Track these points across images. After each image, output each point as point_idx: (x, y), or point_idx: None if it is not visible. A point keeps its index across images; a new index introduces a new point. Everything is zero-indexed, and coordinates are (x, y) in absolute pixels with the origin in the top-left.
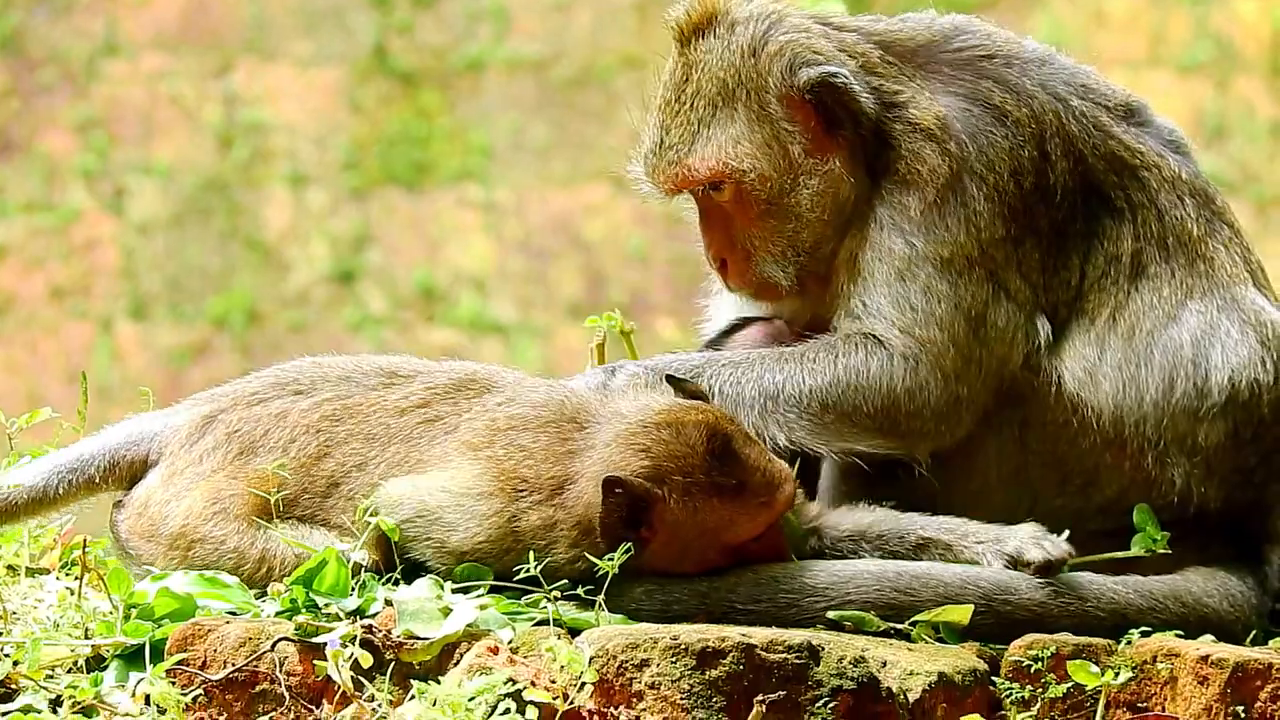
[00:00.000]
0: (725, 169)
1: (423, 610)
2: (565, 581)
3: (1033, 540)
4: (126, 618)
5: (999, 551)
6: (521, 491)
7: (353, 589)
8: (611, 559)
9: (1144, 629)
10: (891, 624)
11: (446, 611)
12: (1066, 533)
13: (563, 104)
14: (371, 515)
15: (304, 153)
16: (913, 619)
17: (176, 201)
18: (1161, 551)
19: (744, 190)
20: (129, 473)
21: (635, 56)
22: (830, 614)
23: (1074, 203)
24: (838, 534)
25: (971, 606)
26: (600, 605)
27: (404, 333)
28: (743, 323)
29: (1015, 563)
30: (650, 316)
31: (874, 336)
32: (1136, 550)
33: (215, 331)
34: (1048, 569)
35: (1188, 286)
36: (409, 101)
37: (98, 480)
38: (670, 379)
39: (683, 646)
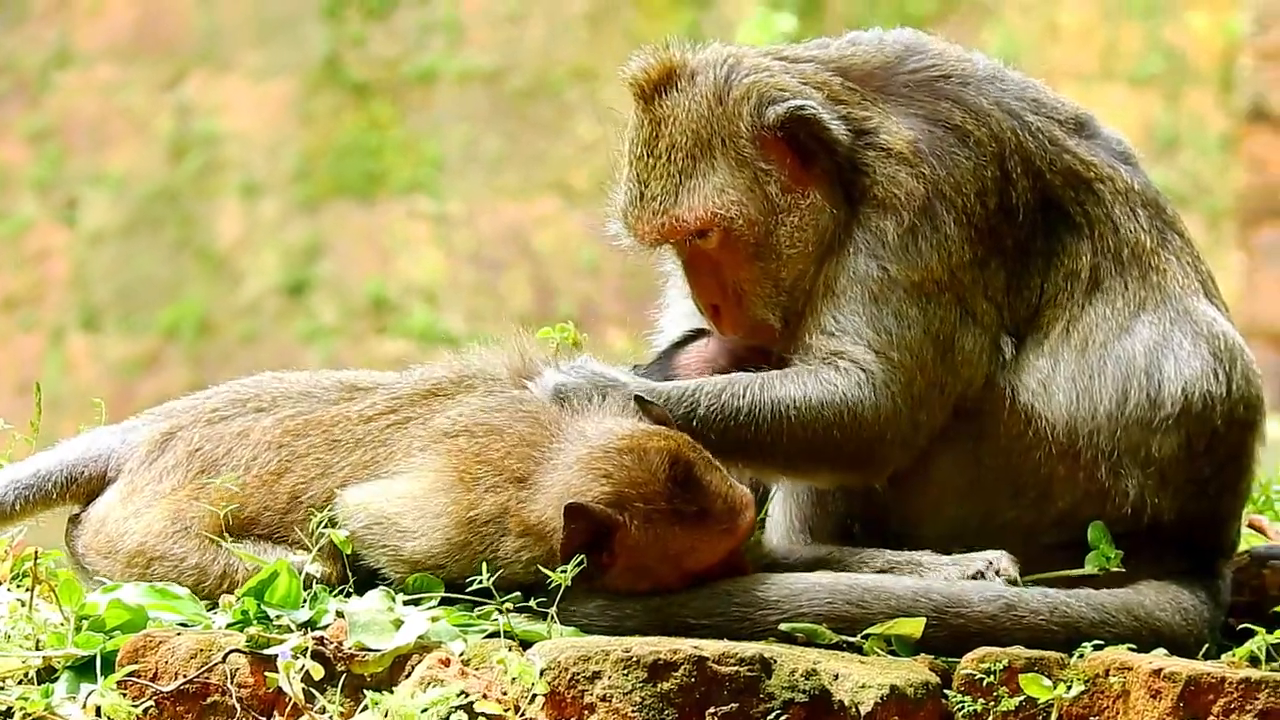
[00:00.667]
0: (714, 218)
1: (374, 622)
2: (518, 594)
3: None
4: (78, 629)
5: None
6: (480, 478)
7: (304, 601)
8: (565, 571)
9: (1097, 642)
10: (844, 637)
11: (398, 623)
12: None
13: (514, 115)
14: (327, 525)
15: (256, 163)
16: (865, 632)
17: (128, 212)
18: (1116, 569)
19: (731, 236)
20: (86, 489)
21: (587, 68)
22: (782, 626)
23: (1034, 220)
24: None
25: (924, 619)
26: (552, 618)
27: (355, 344)
28: (695, 334)
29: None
30: (601, 328)
31: (848, 356)
32: (1090, 569)
33: (166, 342)
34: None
35: (1140, 299)
36: (361, 112)
37: (55, 496)
38: (639, 400)
39: (634, 659)
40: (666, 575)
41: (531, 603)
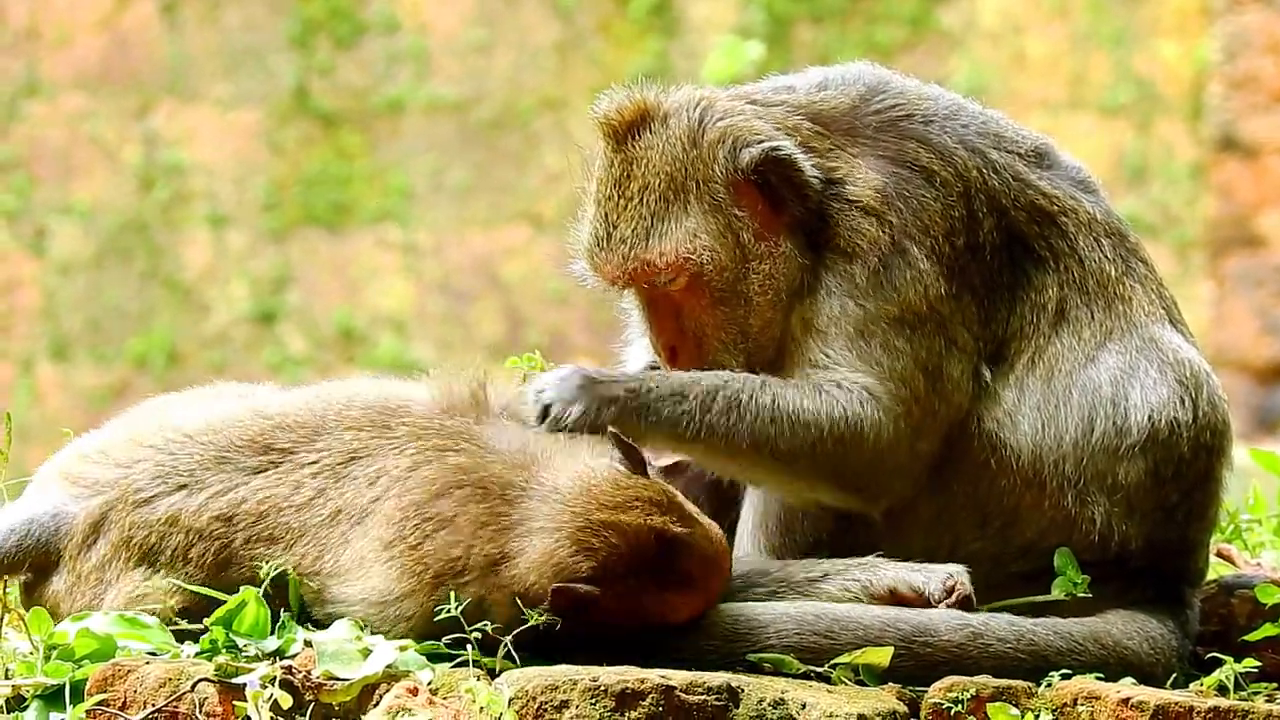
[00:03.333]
0: (684, 262)
1: (342, 651)
2: (485, 623)
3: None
4: (47, 658)
5: (911, 586)
6: (445, 575)
7: (273, 630)
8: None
9: (1064, 671)
10: (811, 666)
11: (366, 652)
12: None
13: (482, 145)
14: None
15: (224, 193)
16: (833, 661)
17: (97, 242)
18: (1082, 595)
19: (700, 281)
20: (28, 562)
21: (555, 99)
22: (750, 656)
23: (1001, 257)
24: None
25: (891, 649)
26: (507, 646)
27: (324, 373)
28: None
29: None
30: (570, 357)
31: (849, 381)
32: (1057, 594)
33: (135, 372)
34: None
35: (1106, 328)
36: (329, 143)
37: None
38: (615, 438)
39: (602, 688)
40: (642, 626)
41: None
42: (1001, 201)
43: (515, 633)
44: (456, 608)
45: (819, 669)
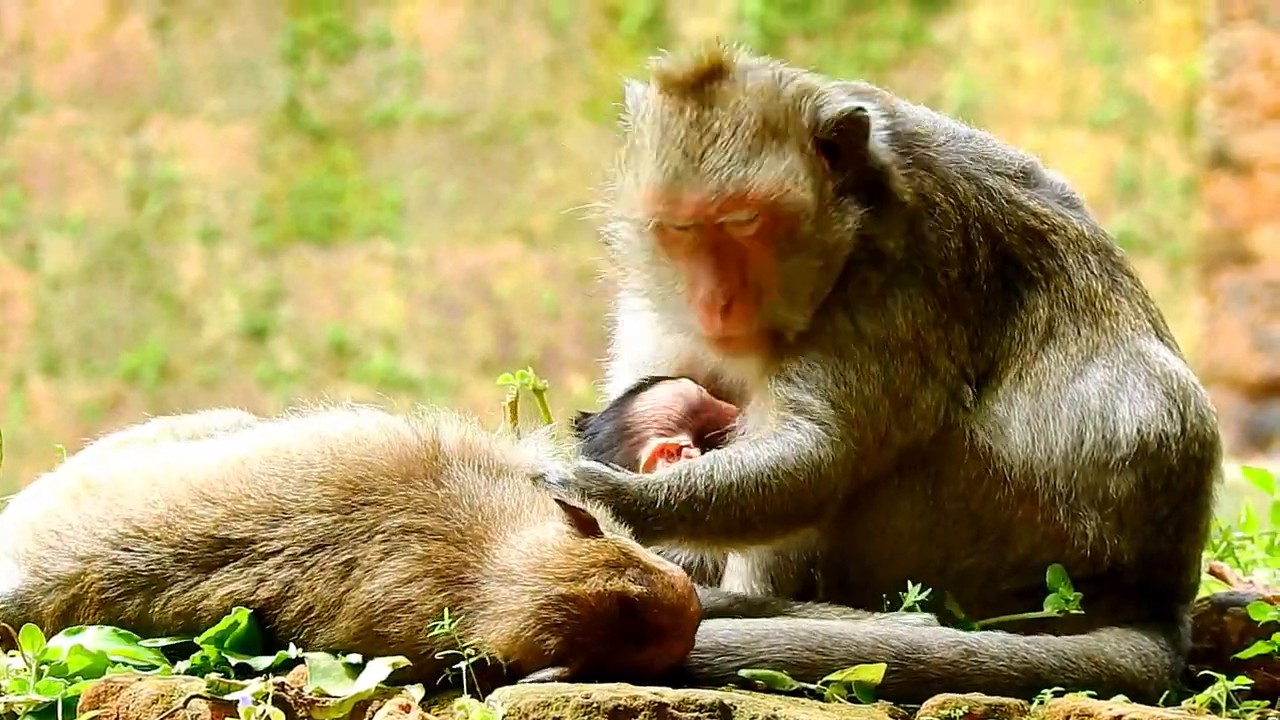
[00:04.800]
0: (778, 198)
1: (335, 668)
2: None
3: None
4: (39, 675)
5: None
6: (423, 648)
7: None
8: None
9: (1057, 689)
10: (804, 683)
11: (358, 669)
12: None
13: (475, 160)
14: None
15: (216, 208)
16: (825, 678)
17: (89, 256)
18: (1075, 612)
19: (780, 225)
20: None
21: (547, 113)
22: (743, 673)
23: (995, 284)
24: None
25: (884, 665)
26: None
27: (316, 388)
28: (650, 382)
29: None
30: (561, 372)
31: (806, 411)
32: (1050, 610)
33: (127, 386)
34: None
35: (1094, 343)
36: (321, 157)
37: None
38: (560, 504)
39: (595, 705)
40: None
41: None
42: (995, 229)
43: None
44: (448, 624)
45: (811, 686)
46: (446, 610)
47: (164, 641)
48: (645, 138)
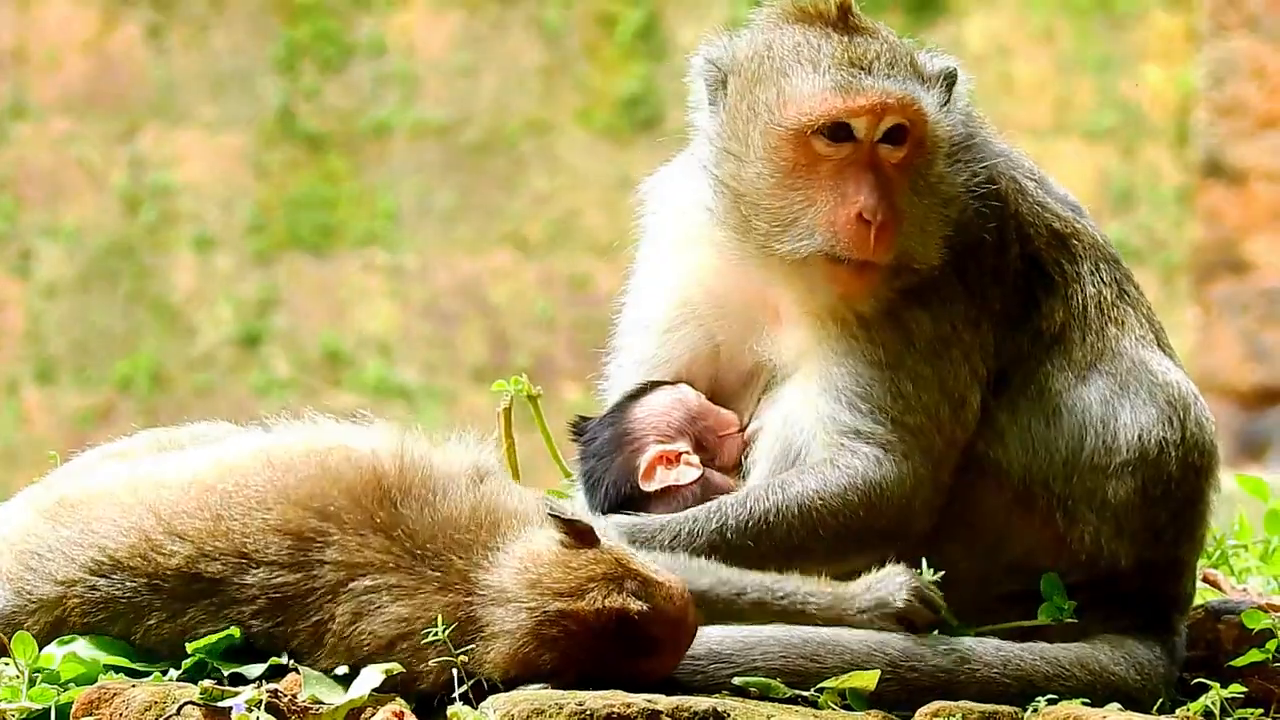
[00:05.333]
0: (934, 122)
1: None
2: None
3: (913, 591)
4: (32, 683)
5: (888, 614)
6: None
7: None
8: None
9: (1050, 696)
10: (797, 690)
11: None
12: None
13: (469, 169)
14: None
15: (210, 216)
16: (819, 685)
17: (83, 264)
18: (1069, 620)
19: (924, 153)
20: None
21: (541, 122)
22: (736, 680)
23: (1019, 282)
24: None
25: (878, 673)
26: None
27: (310, 396)
28: (648, 387)
29: (907, 620)
30: (555, 380)
31: (864, 435)
32: (1043, 619)
33: (121, 395)
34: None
35: (1098, 350)
36: (315, 165)
37: None
38: (555, 519)
39: (588, 712)
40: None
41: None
42: (1026, 230)
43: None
44: (444, 630)
45: (805, 694)
46: (445, 634)
47: None
48: (788, 60)
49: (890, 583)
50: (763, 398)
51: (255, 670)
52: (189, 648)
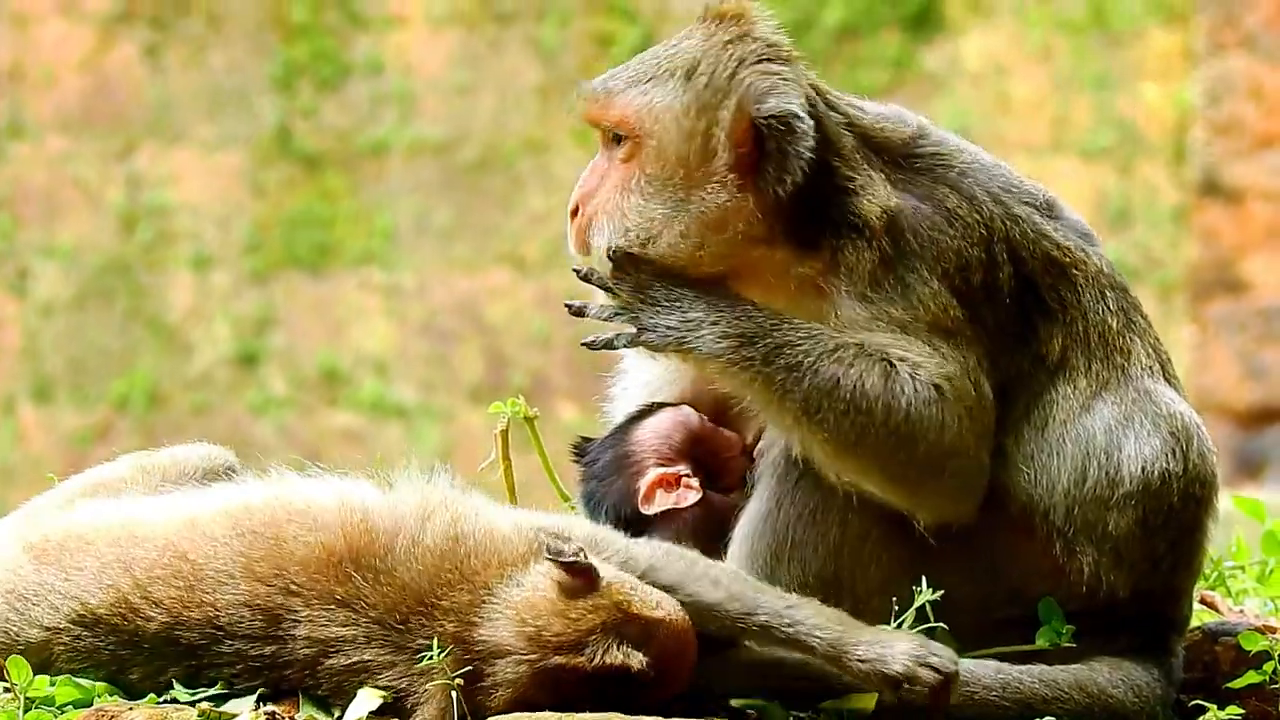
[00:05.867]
0: (636, 125)
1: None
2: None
3: (917, 660)
4: (28, 708)
5: (884, 675)
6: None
7: None
8: None
9: (1049, 718)
10: (795, 712)
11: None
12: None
13: (466, 187)
14: None
15: (207, 235)
16: (819, 705)
17: (79, 283)
18: (1066, 645)
19: (640, 155)
20: None
21: (538, 140)
22: (734, 701)
23: (1013, 307)
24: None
25: (876, 694)
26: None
27: (306, 415)
28: (652, 408)
29: (901, 684)
30: (552, 400)
31: (920, 368)
32: (1041, 643)
33: (117, 413)
34: (944, 688)
35: (1103, 379)
36: (312, 184)
37: None
38: (556, 562)
39: None
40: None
41: None
42: (1020, 253)
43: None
44: (439, 654)
45: (803, 715)
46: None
47: None
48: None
49: (897, 645)
50: None
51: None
52: None
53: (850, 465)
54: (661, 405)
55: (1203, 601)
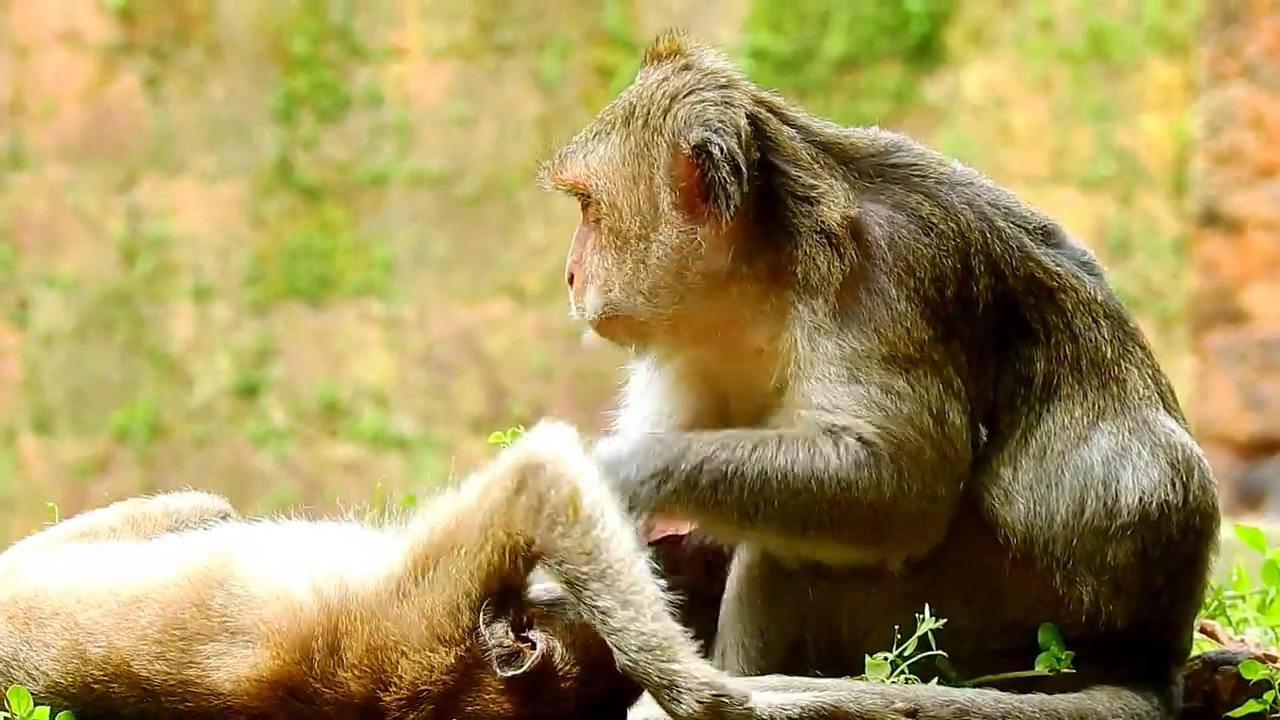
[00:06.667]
0: (586, 184)
1: None
2: None
3: (706, 703)
4: None
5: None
6: None
7: None
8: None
9: None
10: None
11: None
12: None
13: (465, 219)
14: None
15: (207, 266)
16: None
17: (80, 314)
18: (1066, 670)
19: (600, 214)
20: None
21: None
22: None
23: (990, 320)
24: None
25: None
26: None
27: (307, 447)
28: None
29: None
30: None
31: (851, 431)
32: (1041, 669)
33: (118, 445)
34: None
35: (1099, 408)
36: (312, 215)
37: None
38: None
39: None
40: None
41: None
42: (1000, 267)
43: None
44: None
45: None
46: None
47: None
48: None
49: (701, 678)
50: None
51: None
52: None
53: (804, 547)
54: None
55: (1203, 630)
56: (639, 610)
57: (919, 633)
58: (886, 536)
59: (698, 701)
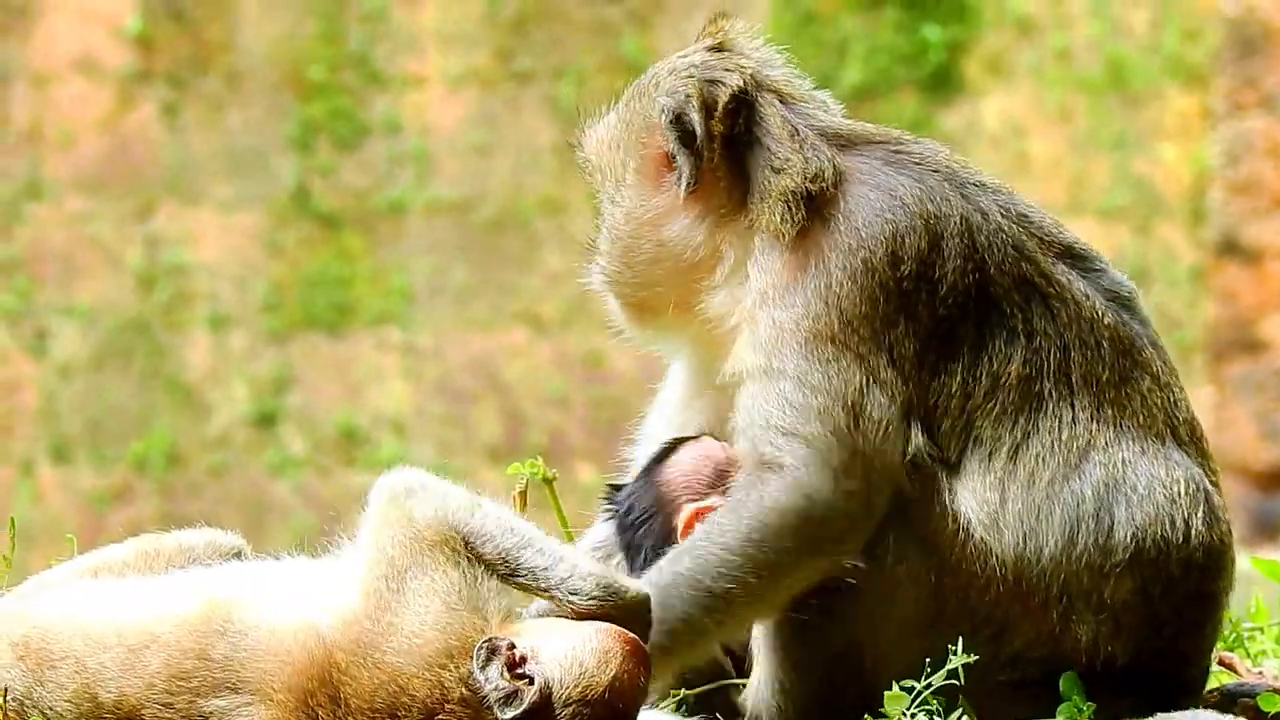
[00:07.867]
0: (593, 158)
1: None
2: None
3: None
4: None
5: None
6: None
7: None
8: None
9: None
10: None
11: None
12: None
13: (483, 247)
14: None
15: (225, 295)
16: None
17: (97, 343)
18: None
19: (596, 181)
20: None
21: (555, 200)
22: None
23: (965, 306)
24: None
25: None
26: None
27: (324, 476)
28: (673, 446)
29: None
30: (570, 460)
31: (766, 459)
32: None
33: (136, 474)
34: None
35: (1091, 433)
36: (330, 244)
37: None
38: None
39: None
40: None
41: None
42: (981, 255)
43: None
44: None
45: None
46: None
47: None
48: None
49: (637, 585)
50: None
51: None
52: None
53: (777, 597)
54: (681, 441)
55: (1221, 663)
56: (564, 557)
57: (947, 667)
58: (830, 537)
59: (639, 590)
